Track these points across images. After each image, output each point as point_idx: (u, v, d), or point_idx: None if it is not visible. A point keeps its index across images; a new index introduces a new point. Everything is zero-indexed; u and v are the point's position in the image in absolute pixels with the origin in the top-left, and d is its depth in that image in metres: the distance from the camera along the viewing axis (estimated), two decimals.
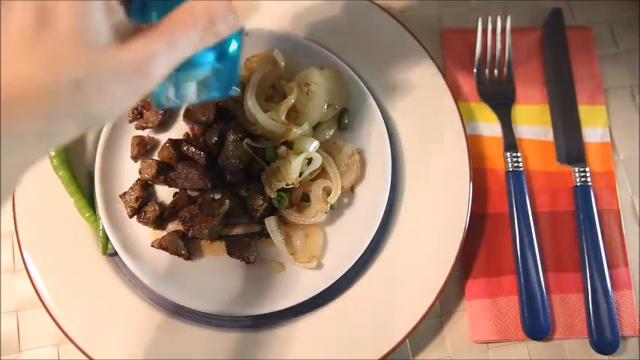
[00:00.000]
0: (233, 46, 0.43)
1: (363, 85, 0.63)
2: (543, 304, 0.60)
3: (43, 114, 0.32)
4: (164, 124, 0.63)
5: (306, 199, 0.60)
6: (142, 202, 0.59)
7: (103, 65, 0.34)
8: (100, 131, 0.62)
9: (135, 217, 0.59)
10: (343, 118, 0.62)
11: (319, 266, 0.58)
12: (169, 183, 0.59)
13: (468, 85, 0.69)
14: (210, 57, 0.42)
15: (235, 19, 0.39)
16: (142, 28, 0.36)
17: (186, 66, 0.39)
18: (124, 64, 0.34)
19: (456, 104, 0.63)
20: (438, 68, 0.65)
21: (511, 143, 0.66)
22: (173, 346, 0.57)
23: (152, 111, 0.62)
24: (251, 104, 0.59)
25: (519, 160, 0.65)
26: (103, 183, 0.60)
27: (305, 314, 0.58)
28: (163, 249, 0.58)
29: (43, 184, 0.60)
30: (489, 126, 0.68)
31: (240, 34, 0.44)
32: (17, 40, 0.32)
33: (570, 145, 0.67)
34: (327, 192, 0.59)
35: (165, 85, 0.42)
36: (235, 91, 0.45)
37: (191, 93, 0.43)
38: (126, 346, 0.57)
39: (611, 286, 0.61)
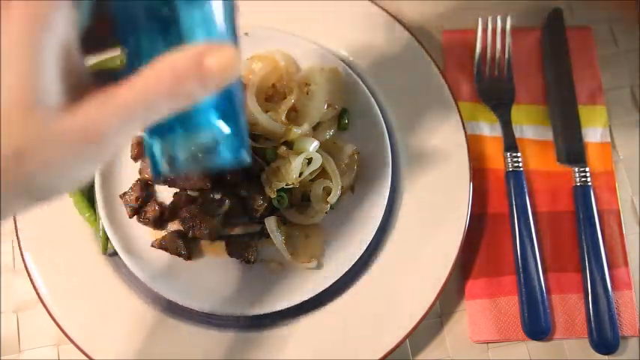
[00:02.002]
0: (236, 100, 0.36)
1: (363, 85, 0.63)
2: (543, 304, 0.60)
3: None
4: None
5: (306, 199, 0.60)
6: (142, 202, 0.59)
7: (46, 132, 0.29)
8: None
9: (135, 217, 0.59)
10: (343, 118, 0.62)
11: (319, 266, 0.58)
12: (169, 183, 0.59)
13: (468, 85, 0.69)
14: (212, 117, 0.35)
15: (212, 79, 0.31)
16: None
17: (183, 128, 0.34)
18: (71, 132, 0.29)
19: (456, 104, 0.63)
20: (438, 68, 0.65)
21: (511, 143, 0.66)
22: (173, 346, 0.57)
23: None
24: (251, 104, 0.60)
25: (519, 160, 0.65)
26: (103, 183, 0.60)
27: (305, 314, 0.58)
28: (163, 249, 0.58)
29: None
30: (489, 126, 0.68)
31: (237, 85, 0.37)
32: None
33: (570, 145, 0.67)
34: (327, 192, 0.59)
35: (161, 151, 0.36)
36: (246, 156, 0.37)
37: (193, 160, 0.36)
38: (126, 346, 0.57)
39: (611, 286, 0.61)
